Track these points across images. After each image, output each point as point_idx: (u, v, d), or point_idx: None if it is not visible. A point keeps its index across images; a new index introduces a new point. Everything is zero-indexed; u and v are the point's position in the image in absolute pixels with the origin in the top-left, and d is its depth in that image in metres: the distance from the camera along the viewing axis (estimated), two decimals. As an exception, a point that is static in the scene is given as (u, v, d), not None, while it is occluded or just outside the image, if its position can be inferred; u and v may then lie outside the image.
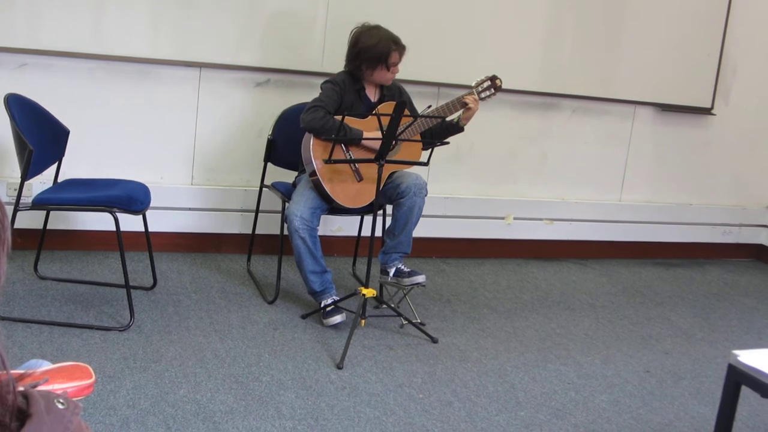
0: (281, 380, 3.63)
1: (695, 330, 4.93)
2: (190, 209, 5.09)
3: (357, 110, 4.34)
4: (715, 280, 6.06)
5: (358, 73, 4.36)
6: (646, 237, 6.29)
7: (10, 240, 1.14)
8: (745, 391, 2.56)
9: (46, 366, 2.03)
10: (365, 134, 4.25)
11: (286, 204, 4.39)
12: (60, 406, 1.13)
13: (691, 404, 3.90)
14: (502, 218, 5.81)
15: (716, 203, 6.52)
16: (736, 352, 2.55)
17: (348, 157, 4.29)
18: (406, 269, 4.46)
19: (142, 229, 4.34)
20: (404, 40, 4.37)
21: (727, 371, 2.57)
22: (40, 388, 1.19)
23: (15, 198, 3.93)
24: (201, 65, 4.95)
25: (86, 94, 4.78)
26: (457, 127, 4.44)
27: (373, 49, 4.27)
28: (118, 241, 3.94)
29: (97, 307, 4.18)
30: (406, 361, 4.00)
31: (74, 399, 1.20)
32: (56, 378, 1.97)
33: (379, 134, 4.06)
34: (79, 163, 4.60)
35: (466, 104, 4.34)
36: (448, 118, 4.40)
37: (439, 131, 4.43)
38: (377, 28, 4.34)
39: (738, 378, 2.54)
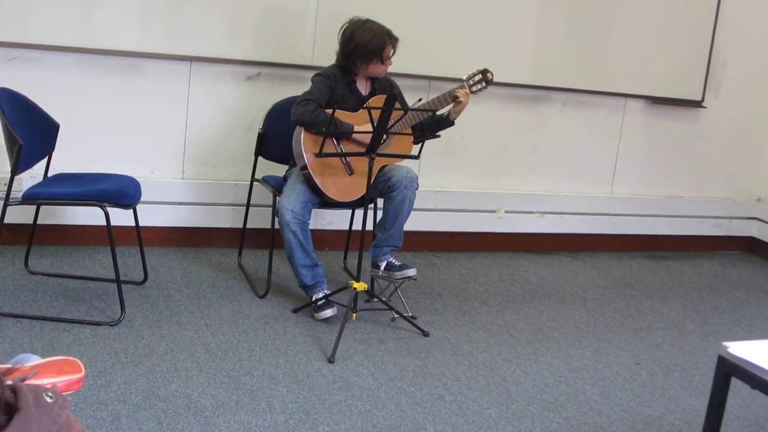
0: (272, 374, 3.63)
1: (686, 322, 4.95)
2: (180, 203, 5.08)
3: (348, 103, 4.33)
4: (705, 272, 6.07)
5: (352, 68, 4.36)
6: (637, 230, 6.30)
7: None
8: (736, 383, 2.56)
9: (36, 360, 2.02)
10: (356, 128, 4.25)
11: (277, 198, 4.38)
12: (49, 400, 1.13)
13: (682, 396, 3.91)
14: (494, 211, 5.82)
15: (707, 196, 6.54)
16: (726, 343, 2.55)
17: (339, 151, 4.28)
18: (397, 263, 4.47)
19: (133, 224, 4.32)
20: (395, 34, 4.36)
21: (717, 363, 2.57)
22: (29, 381, 1.19)
23: (5, 192, 3.91)
24: (191, 59, 4.93)
25: (76, 88, 4.77)
26: (447, 121, 4.44)
27: (368, 45, 4.26)
28: (108, 235, 3.93)
29: (87, 301, 4.17)
30: (397, 354, 4.00)
31: (64, 393, 1.20)
32: (46, 372, 1.97)
33: (370, 128, 4.05)
34: (69, 157, 4.57)
35: (457, 98, 4.34)
36: (438, 112, 4.40)
37: (429, 125, 4.43)
38: (369, 22, 4.33)
39: (728, 369, 2.54)
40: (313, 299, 4.31)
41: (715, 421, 2.62)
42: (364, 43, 4.27)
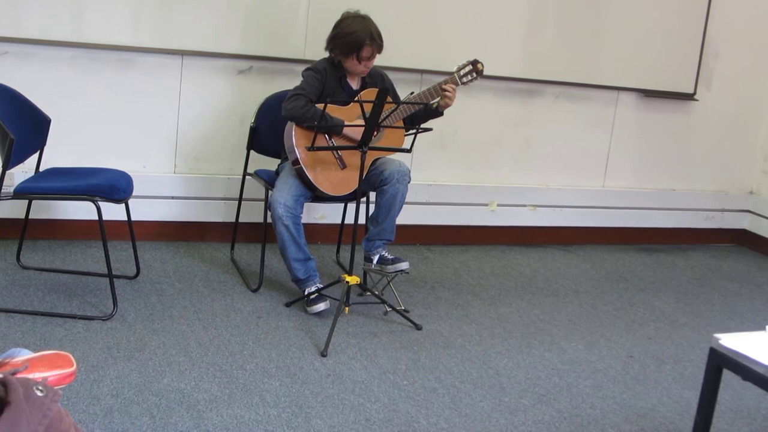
0: (265, 368, 3.63)
1: (678, 315, 4.96)
2: (172, 198, 5.08)
3: (338, 98, 4.33)
4: (698, 265, 6.08)
5: (332, 55, 4.35)
6: (630, 223, 6.31)
7: None
8: (728, 375, 2.57)
9: (27, 354, 2.02)
10: (347, 122, 4.24)
11: (270, 192, 4.38)
12: (39, 394, 1.13)
13: (674, 389, 3.92)
14: (486, 205, 5.82)
15: (699, 189, 6.55)
16: (718, 335, 2.56)
17: (330, 145, 4.28)
18: (389, 256, 4.47)
19: (125, 218, 4.32)
20: (387, 27, 4.36)
21: (709, 355, 2.58)
22: (20, 375, 1.19)
23: (-4, 187, 3.91)
24: (183, 53, 4.92)
25: (68, 82, 4.75)
26: (436, 112, 4.43)
27: (347, 37, 4.26)
28: (100, 230, 3.92)
29: (80, 296, 4.16)
30: (390, 348, 4.00)
31: (55, 387, 1.20)
32: (37, 366, 1.96)
33: (361, 122, 4.05)
34: (60, 151, 4.57)
35: (446, 91, 4.33)
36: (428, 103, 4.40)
37: (419, 116, 4.43)
38: (364, 18, 4.32)
39: (719, 361, 2.55)
40: (306, 293, 4.31)
41: (706, 412, 2.62)
42: (346, 34, 4.26)
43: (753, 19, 6.34)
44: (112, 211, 4.27)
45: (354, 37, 4.25)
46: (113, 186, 4.00)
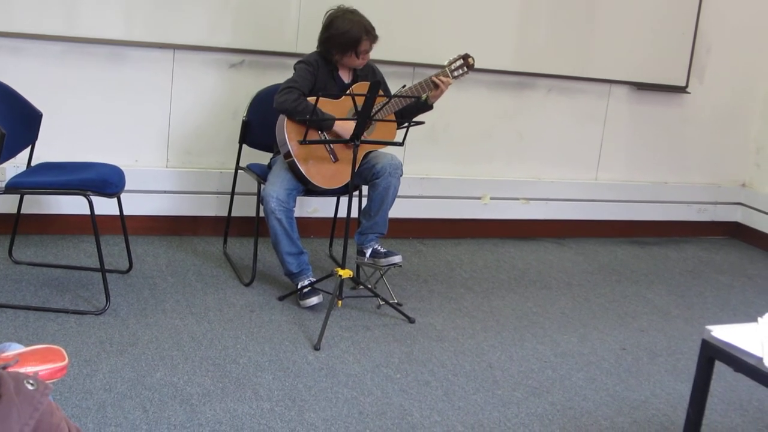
0: (258, 362, 3.63)
1: (671, 307, 4.97)
2: (165, 192, 5.07)
3: (330, 91, 4.32)
4: (690, 257, 6.09)
5: (328, 56, 4.35)
6: (622, 215, 6.32)
7: None
8: (721, 367, 2.58)
9: (18, 348, 2.01)
10: (339, 115, 4.23)
11: (262, 186, 4.37)
12: (30, 387, 1.12)
13: (667, 381, 3.93)
14: (479, 198, 5.82)
15: (691, 181, 6.56)
16: (710, 327, 2.56)
17: (323, 138, 4.27)
18: (382, 250, 4.47)
19: (117, 213, 4.31)
20: (379, 21, 4.36)
21: (701, 346, 2.58)
22: (11, 369, 1.19)
23: (-13, 182, 3.90)
24: (174, 47, 4.91)
25: (59, 76, 4.74)
26: (426, 105, 4.43)
27: (344, 35, 4.26)
28: (92, 224, 3.91)
29: (72, 291, 4.15)
30: (383, 341, 4.00)
31: (46, 381, 1.19)
32: (28, 360, 1.95)
33: (353, 115, 4.05)
34: (52, 146, 4.55)
35: (437, 84, 4.33)
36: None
37: (409, 110, 4.42)
38: (353, 13, 4.32)
39: (711, 353, 2.55)
40: (299, 287, 4.31)
41: (699, 404, 2.63)
42: (340, 34, 4.26)
43: (745, 11, 6.34)
44: (105, 206, 4.25)
45: (350, 35, 4.25)
46: (105, 180, 3.99)
